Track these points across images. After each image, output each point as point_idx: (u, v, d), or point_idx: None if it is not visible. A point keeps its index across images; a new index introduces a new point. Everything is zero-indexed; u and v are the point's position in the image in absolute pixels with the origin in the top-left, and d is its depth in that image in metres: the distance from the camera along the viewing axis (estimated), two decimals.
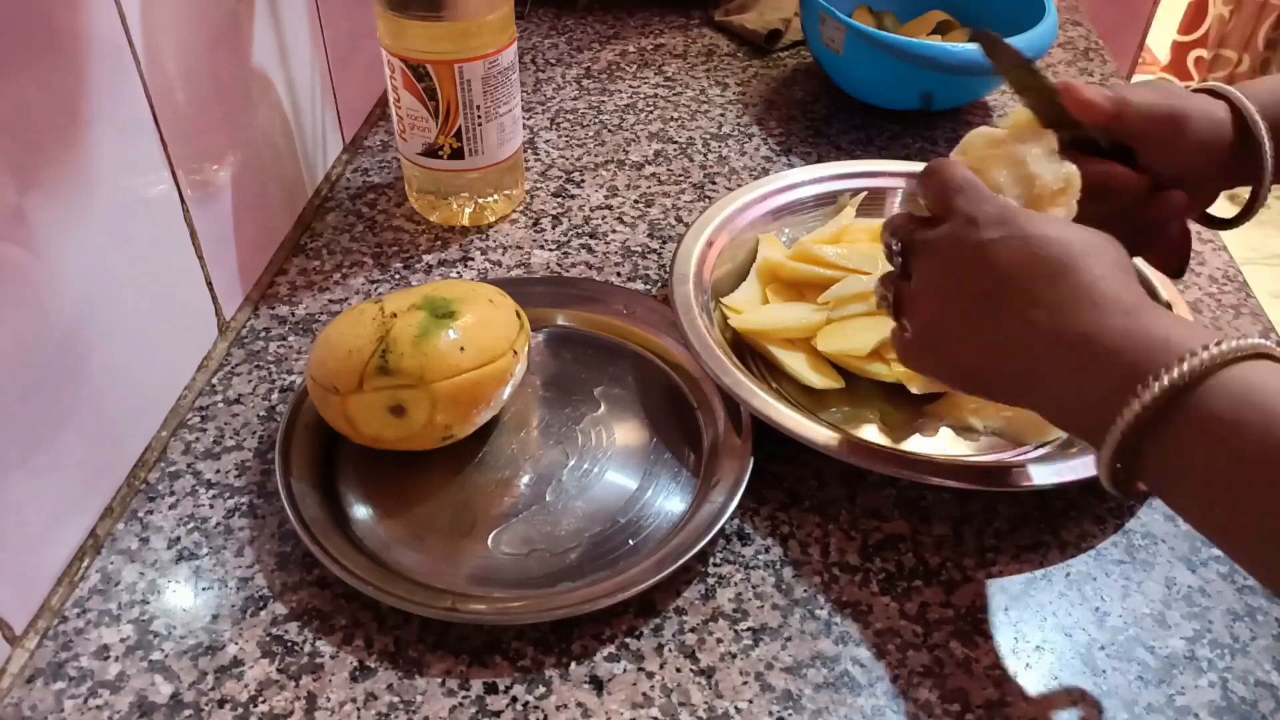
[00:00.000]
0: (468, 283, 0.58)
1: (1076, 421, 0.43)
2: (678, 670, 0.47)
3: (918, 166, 0.74)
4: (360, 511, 0.54)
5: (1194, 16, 2.64)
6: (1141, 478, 0.40)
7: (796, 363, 0.61)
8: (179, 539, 0.52)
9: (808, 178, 0.74)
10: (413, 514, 0.54)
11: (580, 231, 0.75)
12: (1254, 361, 0.37)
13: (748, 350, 0.63)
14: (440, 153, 0.71)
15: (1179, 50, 2.68)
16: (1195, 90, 0.55)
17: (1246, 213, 0.57)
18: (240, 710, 0.45)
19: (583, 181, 0.81)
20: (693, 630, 0.49)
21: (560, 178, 0.81)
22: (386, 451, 0.55)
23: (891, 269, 0.51)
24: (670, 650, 0.48)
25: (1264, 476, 0.36)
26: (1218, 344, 0.37)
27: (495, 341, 0.54)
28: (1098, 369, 0.40)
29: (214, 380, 0.62)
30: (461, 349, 0.52)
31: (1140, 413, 0.38)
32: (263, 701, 0.45)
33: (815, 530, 0.54)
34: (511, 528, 0.53)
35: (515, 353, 0.55)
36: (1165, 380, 0.37)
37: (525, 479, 0.56)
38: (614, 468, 0.57)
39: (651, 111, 0.91)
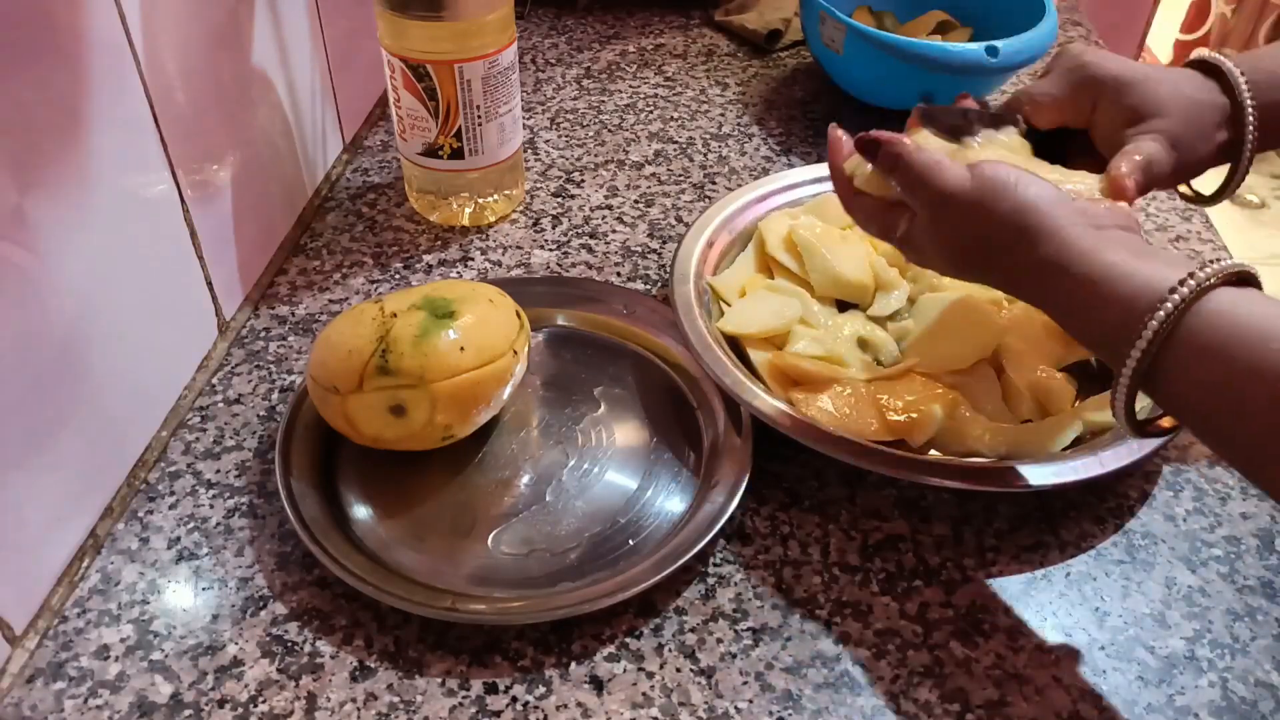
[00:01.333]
0: (468, 283, 0.58)
1: (1090, 346, 0.46)
2: (678, 670, 0.47)
3: None
4: (360, 511, 0.54)
5: (1196, 15, 2.64)
6: (1155, 398, 0.43)
7: (762, 363, 0.61)
8: (179, 539, 0.52)
9: (808, 178, 0.74)
10: (413, 514, 0.54)
11: (580, 231, 0.75)
12: (1224, 287, 0.40)
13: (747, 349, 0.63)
14: (440, 153, 0.71)
15: (1181, 49, 2.68)
16: (1188, 64, 0.55)
17: (1226, 188, 0.57)
18: (240, 710, 0.45)
19: (583, 181, 0.81)
20: (693, 630, 0.49)
21: (560, 178, 0.81)
22: (386, 451, 0.55)
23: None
24: (670, 650, 0.48)
25: (1250, 384, 0.38)
26: (1202, 268, 0.40)
27: (495, 341, 0.54)
28: (1095, 310, 0.43)
29: (214, 380, 0.62)
30: (461, 349, 0.52)
31: (1146, 347, 0.40)
32: (263, 701, 0.45)
33: (815, 530, 0.54)
34: (511, 528, 0.53)
35: (515, 353, 0.55)
36: (1161, 312, 0.40)
37: (525, 479, 0.56)
38: (614, 468, 0.56)
39: (651, 111, 0.91)
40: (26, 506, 0.47)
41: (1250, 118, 0.53)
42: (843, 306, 0.66)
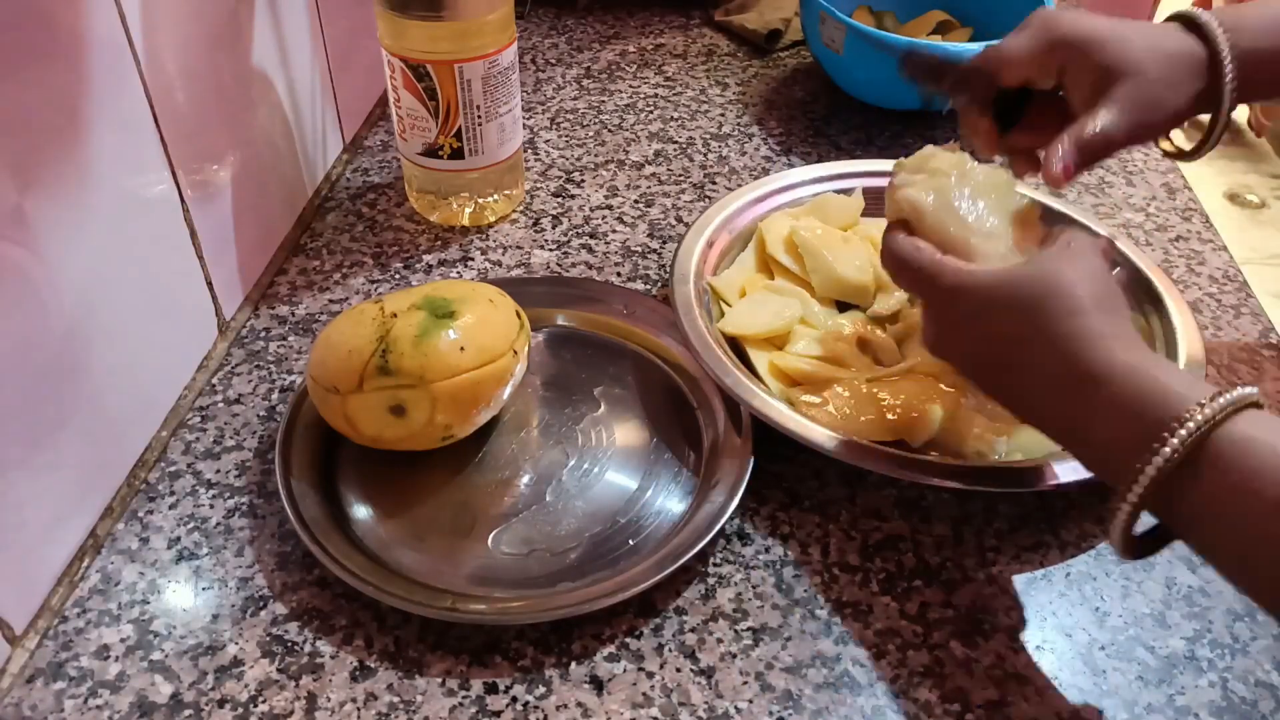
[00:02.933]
0: (468, 283, 0.58)
1: (1094, 466, 0.44)
2: (678, 670, 0.47)
3: None
4: (360, 511, 0.54)
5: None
6: (1170, 521, 0.41)
7: (761, 363, 0.61)
8: (179, 539, 0.52)
9: (808, 178, 0.74)
10: (413, 514, 0.54)
11: (580, 231, 0.75)
12: (1247, 411, 0.39)
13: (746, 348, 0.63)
14: (440, 153, 0.71)
15: None
16: (1169, 18, 0.55)
17: (1206, 140, 0.57)
18: (240, 710, 0.45)
19: (583, 181, 0.81)
20: (693, 630, 0.49)
21: (560, 178, 0.81)
22: (386, 451, 0.55)
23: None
24: (670, 650, 0.48)
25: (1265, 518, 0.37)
26: (1220, 394, 0.39)
27: (495, 341, 0.54)
28: (1102, 423, 0.42)
29: (214, 380, 0.62)
30: (461, 349, 0.52)
31: (1167, 460, 0.38)
32: (263, 701, 0.45)
33: (815, 530, 0.54)
34: (511, 528, 0.53)
35: (515, 353, 0.55)
36: (1184, 431, 0.38)
37: (525, 479, 0.56)
38: (614, 468, 0.56)
39: (651, 111, 0.91)
40: (26, 506, 0.47)
41: (1227, 66, 0.52)
42: (843, 307, 0.66)
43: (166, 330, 0.58)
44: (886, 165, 0.75)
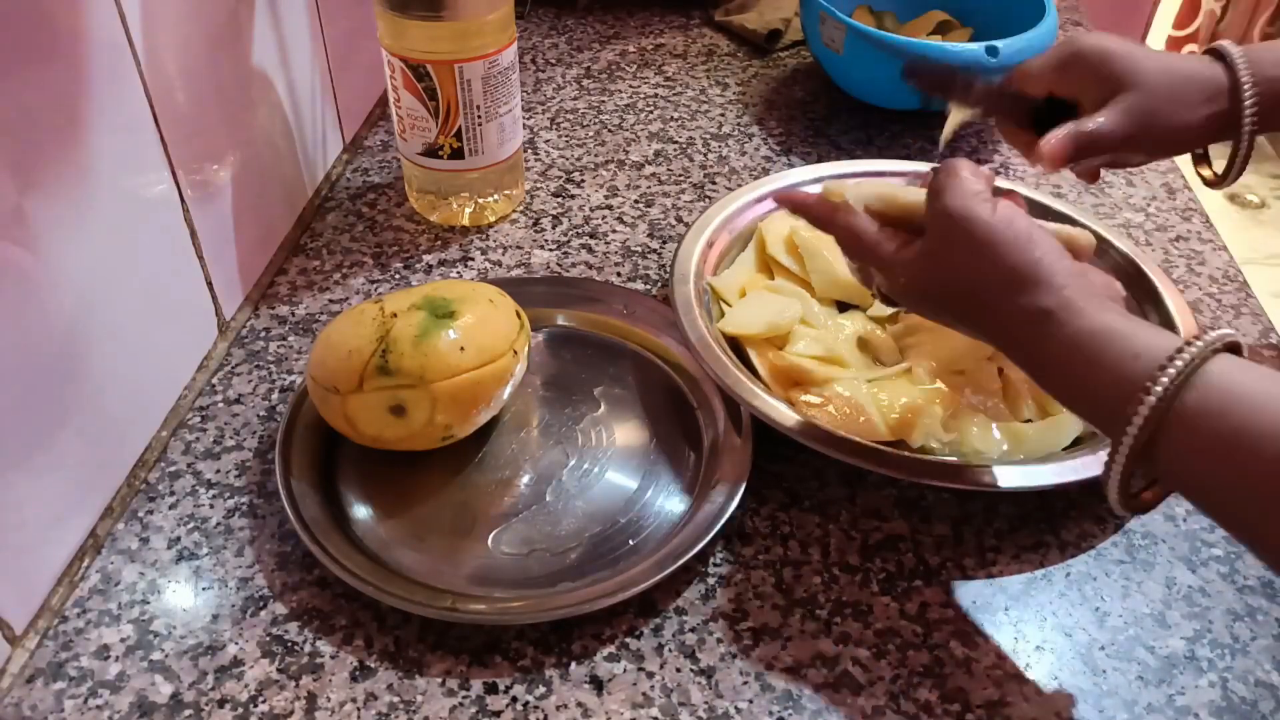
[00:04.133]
0: (468, 283, 0.58)
1: (1080, 404, 0.45)
2: (678, 670, 0.47)
3: (919, 166, 0.74)
4: (360, 511, 0.54)
5: (1188, 11, 2.65)
6: (1157, 476, 0.41)
7: (761, 363, 0.60)
8: (179, 539, 0.52)
9: (808, 178, 0.74)
10: (413, 514, 0.54)
11: (580, 231, 0.75)
12: (1221, 356, 0.39)
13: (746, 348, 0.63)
14: (440, 153, 0.71)
15: (1173, 45, 2.69)
16: (1206, 51, 0.58)
17: (1231, 168, 0.60)
18: (240, 710, 0.45)
19: (583, 181, 0.81)
20: (693, 630, 0.49)
21: (560, 178, 0.81)
22: (386, 451, 0.55)
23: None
24: (670, 650, 0.48)
25: (1255, 450, 0.37)
26: (1199, 336, 0.39)
27: (495, 341, 0.54)
28: (1092, 367, 0.42)
29: (214, 380, 0.62)
30: (462, 349, 0.52)
31: (1150, 414, 0.39)
32: (263, 701, 0.45)
33: (815, 530, 0.54)
34: (511, 528, 0.53)
35: (515, 353, 0.55)
36: (1165, 377, 0.38)
37: (525, 479, 0.56)
38: (614, 468, 0.56)
39: (651, 111, 0.91)
40: (26, 506, 0.47)
41: (1247, 91, 0.55)
42: (843, 309, 0.66)
43: (166, 330, 0.58)
44: (887, 165, 0.75)
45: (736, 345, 0.62)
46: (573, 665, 0.47)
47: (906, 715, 0.46)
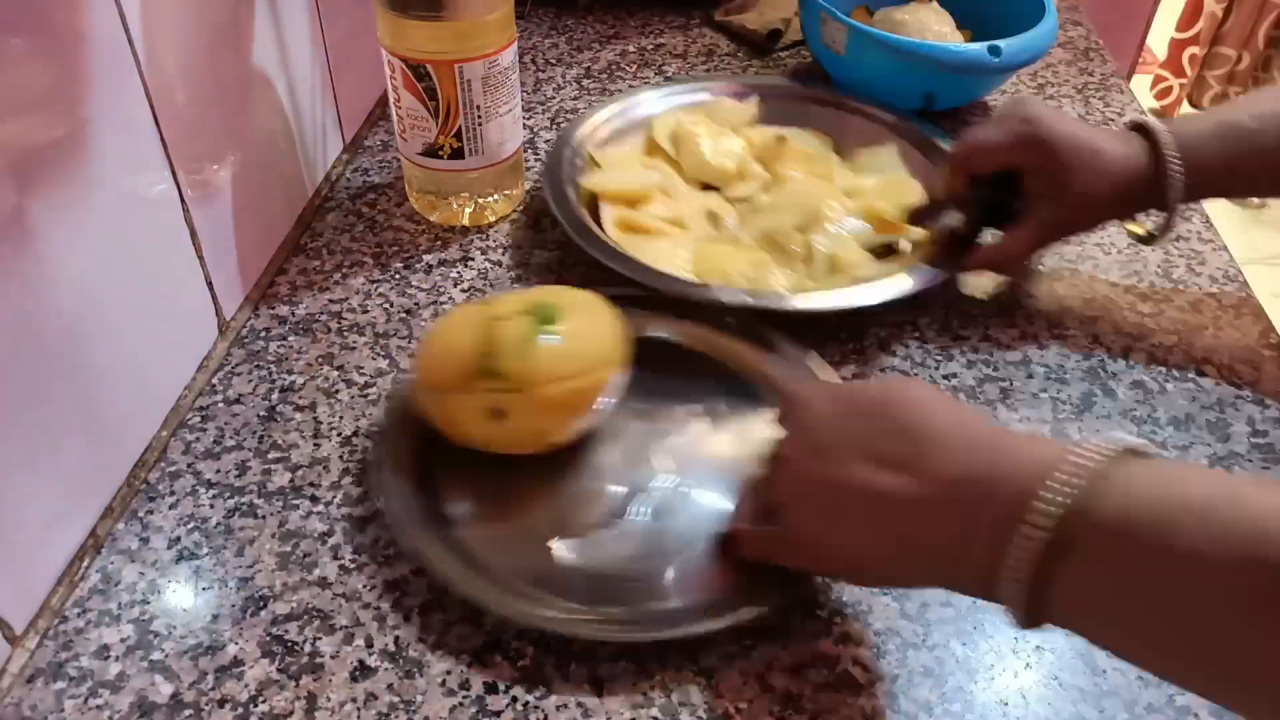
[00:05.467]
0: (573, 290, 0.56)
1: (973, 576, 0.39)
2: (678, 670, 0.47)
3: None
4: (452, 510, 0.53)
5: (1191, 13, 2.64)
6: (1051, 611, 0.37)
7: (609, 216, 0.71)
8: (179, 539, 0.52)
9: (710, 89, 0.85)
10: (503, 517, 0.54)
11: None
12: (1121, 459, 0.36)
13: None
14: (440, 152, 0.71)
15: (1175, 47, 2.69)
16: (1130, 125, 0.63)
17: (1164, 232, 0.65)
18: (240, 710, 0.45)
19: None
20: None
21: None
22: (482, 453, 0.54)
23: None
24: (670, 650, 0.48)
25: (1164, 587, 0.34)
26: (1085, 450, 0.36)
27: (598, 350, 0.54)
28: (971, 513, 0.38)
29: (214, 380, 0.62)
30: (564, 356, 0.52)
31: (1041, 539, 0.35)
32: (263, 701, 0.45)
33: None
34: (598, 538, 0.52)
35: (615, 363, 0.54)
36: (1058, 500, 0.35)
37: (614, 490, 0.54)
38: (707, 485, 0.55)
39: None
40: (26, 506, 0.47)
41: (1173, 168, 0.60)
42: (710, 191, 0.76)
43: (166, 330, 0.58)
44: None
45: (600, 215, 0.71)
46: (573, 665, 0.47)
47: (906, 715, 0.46)
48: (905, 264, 0.67)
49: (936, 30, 0.88)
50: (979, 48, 0.80)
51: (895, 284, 0.64)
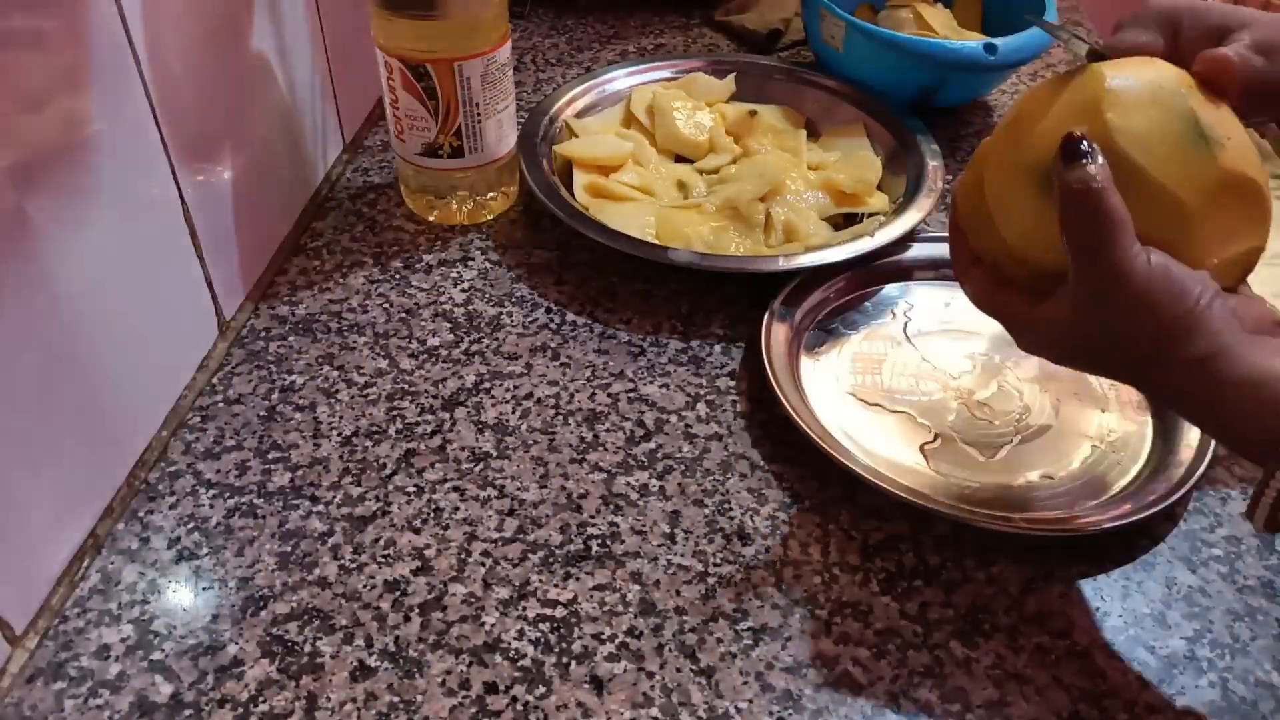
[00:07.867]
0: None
1: (1240, 451, 0.46)
2: (678, 670, 0.47)
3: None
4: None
5: None
6: None
7: (580, 182, 0.74)
8: (179, 539, 0.52)
9: (686, 66, 0.87)
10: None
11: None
12: None
13: None
14: (440, 152, 0.71)
15: None
16: None
17: None
18: (240, 710, 0.45)
19: None
20: (693, 630, 0.49)
21: None
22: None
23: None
24: (670, 650, 0.48)
25: None
26: None
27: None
28: (1249, 425, 0.42)
29: (214, 380, 0.62)
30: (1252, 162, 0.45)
31: None
32: (263, 701, 0.45)
33: (815, 530, 0.54)
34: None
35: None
36: None
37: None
38: None
39: None
40: (26, 506, 0.47)
41: None
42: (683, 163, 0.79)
43: (166, 330, 0.58)
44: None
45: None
46: (573, 665, 0.47)
47: (906, 715, 0.46)
48: (861, 232, 0.70)
49: (937, 28, 0.88)
50: (976, 45, 0.80)
51: (848, 249, 0.68)
